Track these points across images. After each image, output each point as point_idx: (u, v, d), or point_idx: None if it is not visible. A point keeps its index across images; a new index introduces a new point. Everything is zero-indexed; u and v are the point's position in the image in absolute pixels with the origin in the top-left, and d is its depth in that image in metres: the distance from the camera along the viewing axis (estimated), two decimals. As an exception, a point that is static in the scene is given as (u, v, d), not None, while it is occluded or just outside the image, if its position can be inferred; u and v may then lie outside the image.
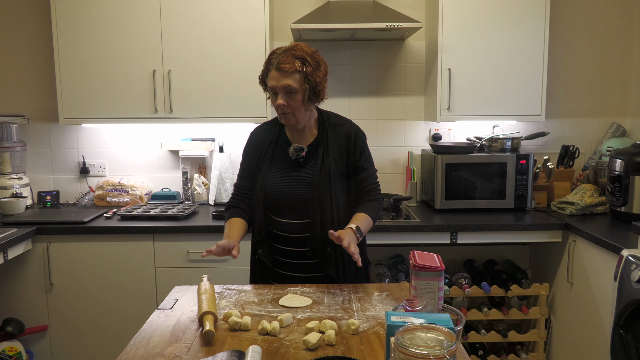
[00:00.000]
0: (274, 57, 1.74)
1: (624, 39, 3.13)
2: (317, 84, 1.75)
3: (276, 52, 1.76)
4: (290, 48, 1.74)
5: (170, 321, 1.47)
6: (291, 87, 1.71)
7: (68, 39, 2.77)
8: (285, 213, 1.81)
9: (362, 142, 1.86)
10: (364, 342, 1.31)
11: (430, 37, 3.00)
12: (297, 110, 1.76)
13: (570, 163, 3.03)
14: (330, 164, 1.80)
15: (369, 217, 1.79)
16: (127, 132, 3.17)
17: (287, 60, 1.70)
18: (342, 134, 1.84)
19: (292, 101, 1.73)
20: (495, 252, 3.18)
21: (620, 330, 1.93)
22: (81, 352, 2.67)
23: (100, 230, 2.59)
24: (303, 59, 1.72)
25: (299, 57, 1.72)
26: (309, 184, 1.78)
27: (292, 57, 1.71)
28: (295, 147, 1.82)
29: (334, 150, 1.82)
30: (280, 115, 1.78)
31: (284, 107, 1.73)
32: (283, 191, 1.80)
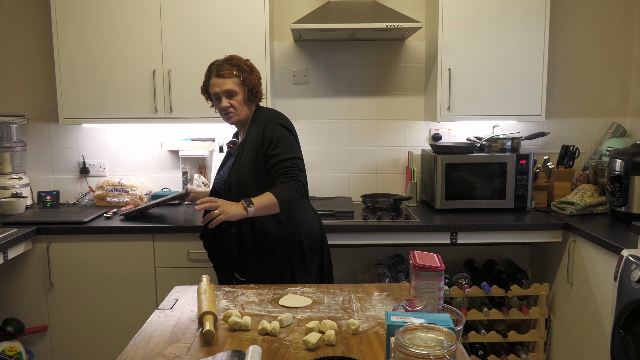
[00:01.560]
0: (213, 67, 2.03)
1: (624, 39, 3.13)
2: (253, 86, 2.04)
3: (214, 63, 2.04)
4: (227, 59, 2.03)
5: (170, 321, 1.47)
6: (232, 90, 2.00)
7: (68, 39, 2.77)
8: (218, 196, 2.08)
9: (271, 131, 1.99)
10: (364, 342, 1.32)
11: (430, 37, 3.00)
12: (239, 109, 2.03)
13: (570, 163, 3.03)
14: (244, 154, 2.03)
15: (273, 195, 1.88)
16: (127, 132, 3.17)
17: (225, 68, 2.00)
18: (258, 126, 2.03)
19: (234, 102, 2.01)
20: (495, 252, 3.18)
21: (620, 330, 1.93)
22: (81, 352, 2.67)
23: (100, 230, 2.59)
24: (239, 66, 2.01)
25: (235, 64, 2.01)
26: (228, 172, 2.06)
27: (229, 65, 2.00)
28: (228, 141, 2.20)
29: (250, 142, 2.03)
30: (225, 117, 2.05)
31: (227, 108, 2.01)
32: (217, 180, 2.14)
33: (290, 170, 1.95)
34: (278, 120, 2.03)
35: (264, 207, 1.86)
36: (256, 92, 2.07)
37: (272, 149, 1.97)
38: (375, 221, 2.66)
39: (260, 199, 1.86)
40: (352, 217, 2.73)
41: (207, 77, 2.05)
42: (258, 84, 2.07)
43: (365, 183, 3.25)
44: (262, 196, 1.88)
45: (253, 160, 2.00)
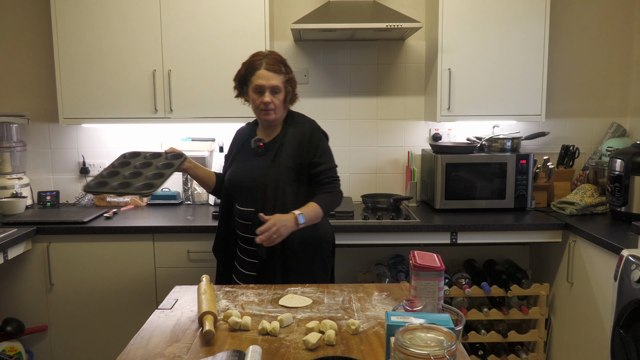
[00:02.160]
0: (259, 59, 1.95)
1: (624, 39, 3.13)
2: (295, 86, 2.01)
3: (259, 55, 1.97)
4: (272, 53, 1.99)
5: (170, 321, 1.47)
6: (278, 87, 1.93)
7: (68, 39, 2.77)
8: (243, 201, 1.99)
9: (317, 140, 2.00)
10: (364, 342, 1.32)
11: (430, 37, 3.00)
12: (279, 108, 1.97)
13: (570, 163, 3.03)
14: (283, 157, 1.95)
15: (318, 206, 1.90)
16: (127, 132, 3.17)
17: (275, 63, 1.94)
18: (299, 131, 2.00)
19: (276, 100, 1.94)
20: (495, 252, 3.18)
21: (620, 330, 1.93)
22: (81, 352, 2.67)
23: (100, 230, 2.59)
24: (285, 64, 1.98)
25: (281, 62, 1.97)
26: (260, 172, 1.96)
27: (277, 61, 1.95)
28: (255, 139, 2.03)
29: (290, 145, 1.97)
30: (262, 112, 1.96)
31: (269, 104, 1.92)
32: (238, 177, 2.00)
33: (333, 180, 2.00)
34: (321, 130, 2.05)
35: (311, 220, 1.88)
36: (295, 94, 2.04)
37: (317, 158, 1.97)
38: (375, 221, 2.66)
39: (310, 213, 1.86)
40: (352, 217, 2.72)
41: (249, 67, 1.96)
42: (296, 87, 2.04)
43: (365, 183, 3.25)
44: (310, 208, 1.87)
45: (294, 166, 1.95)
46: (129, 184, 1.83)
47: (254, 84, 1.93)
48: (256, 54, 1.98)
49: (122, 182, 1.84)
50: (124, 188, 1.81)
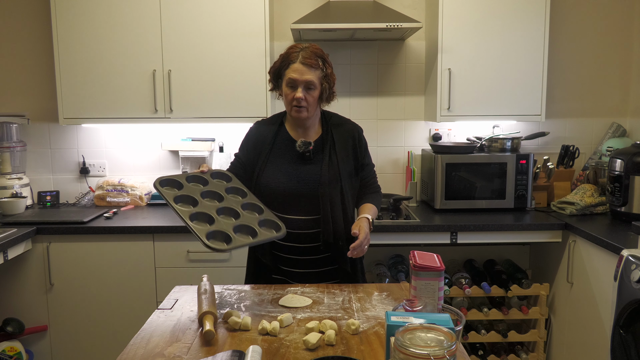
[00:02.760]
0: (295, 51, 1.80)
1: (624, 39, 3.13)
2: (333, 83, 1.86)
3: (297, 47, 1.82)
4: (311, 46, 1.83)
5: (170, 321, 1.47)
6: (313, 83, 1.77)
7: (68, 39, 2.77)
8: (293, 209, 1.82)
9: (365, 140, 1.95)
10: (364, 342, 1.32)
11: (430, 37, 3.00)
12: (312, 106, 1.81)
13: (570, 163, 3.03)
14: (339, 160, 1.85)
15: (375, 206, 1.91)
16: (127, 132, 3.17)
17: (312, 57, 1.78)
18: (347, 133, 1.91)
19: (309, 96, 1.79)
20: (495, 252, 3.18)
21: (620, 330, 1.93)
22: (81, 352, 2.67)
23: (100, 230, 2.59)
24: (324, 59, 1.82)
25: (320, 56, 1.81)
26: (318, 179, 1.81)
27: (315, 54, 1.80)
28: (302, 142, 1.84)
29: (341, 148, 1.87)
30: (294, 109, 1.80)
31: (301, 100, 1.77)
32: (290, 187, 1.81)
33: (376, 179, 2.04)
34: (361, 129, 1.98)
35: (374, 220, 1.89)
36: (332, 92, 1.87)
37: (366, 159, 1.96)
38: (375, 221, 2.66)
39: (373, 215, 1.88)
40: (352, 217, 2.72)
41: (285, 60, 1.81)
42: (334, 84, 1.88)
43: (365, 183, 3.24)
44: (373, 211, 1.90)
45: (352, 171, 1.89)
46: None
47: (287, 77, 1.79)
48: (294, 46, 1.85)
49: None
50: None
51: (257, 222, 1.63)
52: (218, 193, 1.68)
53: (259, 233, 1.59)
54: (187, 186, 1.66)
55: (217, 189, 1.70)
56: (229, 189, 1.73)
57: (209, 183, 1.72)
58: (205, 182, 1.72)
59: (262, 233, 1.60)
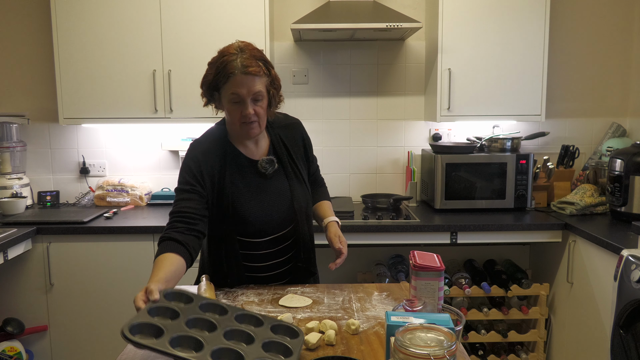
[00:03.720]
0: (232, 59, 1.52)
1: (624, 39, 3.13)
2: (279, 87, 1.63)
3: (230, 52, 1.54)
4: (246, 48, 1.57)
5: (170, 321, 1.47)
6: (261, 94, 1.54)
7: (68, 39, 2.77)
8: (270, 230, 1.67)
9: (308, 136, 1.82)
10: (364, 342, 1.31)
11: (430, 37, 3.00)
12: (263, 118, 1.59)
13: (570, 163, 3.03)
14: (299, 167, 1.72)
15: (330, 203, 1.89)
16: (127, 132, 3.17)
17: (254, 63, 1.52)
18: (295, 133, 1.77)
19: (259, 109, 1.56)
20: (495, 252, 3.18)
21: (620, 330, 1.93)
22: (81, 352, 2.67)
23: (100, 230, 2.59)
24: (264, 61, 1.58)
25: (260, 58, 1.56)
26: (290, 194, 1.67)
27: (255, 58, 1.54)
28: (266, 161, 1.65)
29: (295, 152, 1.74)
30: (243, 127, 1.58)
31: (252, 115, 1.54)
32: (266, 211, 1.64)
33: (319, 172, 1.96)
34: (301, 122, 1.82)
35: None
36: (280, 97, 1.65)
37: (311, 152, 1.82)
38: (375, 221, 2.66)
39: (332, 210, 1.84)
40: (352, 217, 2.72)
41: (222, 71, 1.54)
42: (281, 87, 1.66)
43: (365, 183, 3.25)
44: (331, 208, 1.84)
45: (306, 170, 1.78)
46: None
47: (229, 92, 1.54)
48: (226, 51, 1.56)
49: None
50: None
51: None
52: (204, 319, 1.22)
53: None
54: (164, 323, 1.18)
55: (196, 314, 1.23)
56: (203, 306, 1.28)
57: (182, 310, 1.24)
58: (174, 312, 1.24)
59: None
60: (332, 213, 1.82)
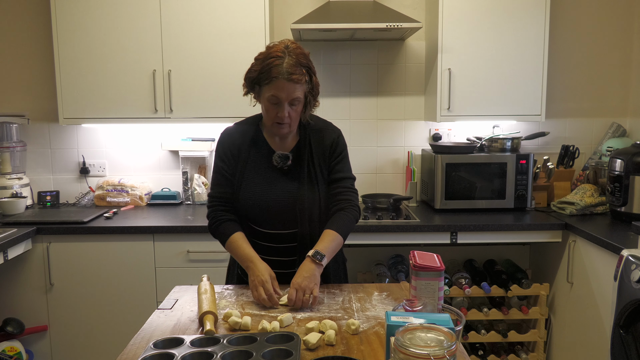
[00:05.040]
0: (277, 63, 1.57)
1: (624, 39, 3.13)
2: (317, 93, 1.70)
3: (277, 54, 1.58)
4: (294, 51, 1.60)
5: (170, 321, 1.47)
6: (299, 99, 1.62)
7: (68, 39, 2.77)
8: (270, 224, 1.72)
9: (342, 146, 1.78)
10: (364, 342, 1.31)
11: (430, 37, 3.00)
12: (295, 120, 1.67)
13: (570, 163, 3.03)
14: (317, 171, 1.72)
15: (337, 234, 1.66)
16: (127, 132, 3.17)
17: (298, 71, 1.58)
18: (326, 138, 1.75)
19: (293, 112, 1.64)
20: (495, 252, 3.18)
21: (620, 330, 1.93)
22: (81, 352, 2.67)
23: (100, 230, 2.59)
24: (308, 67, 1.63)
25: (304, 65, 1.61)
26: (296, 194, 1.68)
27: (300, 65, 1.59)
28: (279, 156, 1.70)
29: (319, 156, 1.73)
30: (275, 125, 1.65)
31: (285, 118, 1.62)
32: (268, 202, 1.69)
33: (349, 192, 1.74)
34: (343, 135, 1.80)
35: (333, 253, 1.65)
36: (316, 102, 1.72)
37: (337, 163, 1.74)
38: (375, 221, 2.66)
39: (329, 246, 1.62)
40: (352, 217, 2.72)
41: (266, 72, 1.58)
42: (319, 93, 1.72)
43: (365, 183, 3.25)
44: (328, 241, 1.63)
45: (327, 177, 1.74)
46: None
47: (269, 93, 1.60)
48: (274, 52, 1.59)
49: None
50: None
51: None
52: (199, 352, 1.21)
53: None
54: None
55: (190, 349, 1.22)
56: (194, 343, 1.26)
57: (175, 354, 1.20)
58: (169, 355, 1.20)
59: None
60: (323, 246, 1.61)
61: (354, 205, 1.74)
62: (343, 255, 1.93)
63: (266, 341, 1.25)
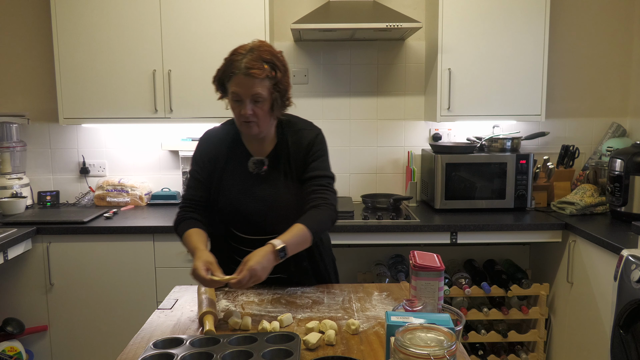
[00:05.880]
0: (238, 58, 1.55)
1: (624, 39, 3.13)
2: (286, 91, 1.62)
3: (240, 52, 1.57)
4: (257, 49, 1.57)
5: (170, 321, 1.47)
6: (260, 96, 1.55)
7: (68, 39, 2.77)
8: (251, 229, 1.68)
9: (320, 145, 1.69)
10: (364, 342, 1.31)
11: (430, 37, 3.00)
12: (263, 119, 1.60)
13: (570, 163, 3.03)
14: (294, 175, 1.67)
15: (306, 227, 1.53)
16: (127, 132, 3.17)
17: (257, 65, 1.53)
18: (303, 139, 1.68)
19: (258, 110, 1.57)
20: (495, 252, 3.18)
21: (620, 330, 1.93)
22: (81, 352, 2.67)
23: (100, 230, 2.59)
24: (273, 63, 1.57)
25: (268, 60, 1.56)
26: (274, 200, 1.64)
27: (262, 60, 1.54)
28: (255, 162, 1.67)
29: (296, 159, 1.67)
30: (243, 124, 1.61)
31: (249, 116, 1.57)
32: (246, 209, 1.66)
33: (325, 190, 1.63)
34: (320, 132, 1.72)
35: (297, 248, 1.53)
36: (287, 99, 1.64)
37: (313, 161, 1.66)
38: (375, 221, 2.66)
39: (294, 240, 1.50)
40: (352, 217, 2.72)
41: (228, 68, 1.58)
42: (289, 89, 1.65)
43: (365, 183, 3.25)
44: (294, 234, 1.51)
45: (301, 175, 1.67)
46: None
47: (230, 90, 1.57)
48: (238, 50, 1.59)
49: None
50: None
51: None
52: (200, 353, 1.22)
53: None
54: None
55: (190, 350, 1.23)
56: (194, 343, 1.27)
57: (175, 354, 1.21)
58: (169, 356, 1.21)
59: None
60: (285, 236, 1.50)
61: (330, 204, 1.62)
62: (332, 254, 1.87)
63: (266, 341, 1.26)
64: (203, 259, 1.47)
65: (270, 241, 1.47)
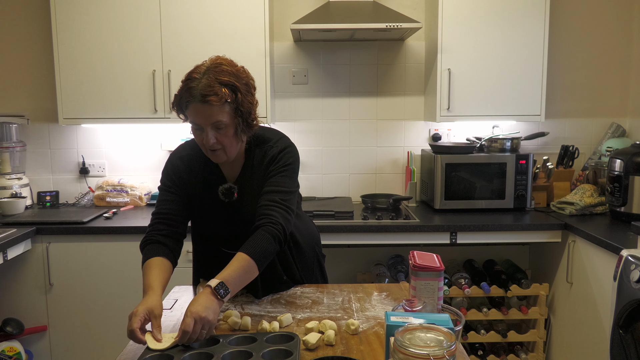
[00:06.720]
0: (194, 84, 1.40)
1: (624, 39, 3.13)
2: (249, 113, 1.48)
3: (194, 76, 1.42)
4: (214, 70, 1.42)
5: (169, 321, 1.47)
6: (221, 123, 1.43)
7: (68, 39, 2.77)
8: (231, 247, 1.53)
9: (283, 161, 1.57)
10: (364, 342, 1.32)
11: (430, 37, 3.00)
12: (229, 145, 1.49)
13: (570, 163, 3.03)
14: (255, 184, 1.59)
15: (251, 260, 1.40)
16: (127, 132, 3.17)
17: (214, 90, 1.39)
18: (267, 156, 1.58)
19: (222, 137, 1.46)
20: (495, 252, 3.18)
21: (620, 330, 1.93)
22: (81, 352, 2.66)
23: (100, 231, 2.59)
24: (232, 85, 1.43)
25: (226, 83, 1.41)
26: (251, 222, 1.50)
27: (218, 82, 1.40)
28: (223, 192, 1.58)
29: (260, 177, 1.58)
30: (209, 152, 1.50)
31: (213, 144, 1.46)
32: (222, 233, 1.62)
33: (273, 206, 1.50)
34: (295, 150, 1.62)
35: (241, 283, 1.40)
36: (252, 120, 1.50)
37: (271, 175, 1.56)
38: (374, 221, 2.67)
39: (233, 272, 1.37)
40: (351, 217, 2.73)
41: (184, 96, 1.43)
42: (255, 108, 1.51)
43: (365, 183, 3.25)
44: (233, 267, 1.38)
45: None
46: None
47: (189, 119, 1.45)
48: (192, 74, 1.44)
49: None
50: None
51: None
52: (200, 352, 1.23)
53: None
54: None
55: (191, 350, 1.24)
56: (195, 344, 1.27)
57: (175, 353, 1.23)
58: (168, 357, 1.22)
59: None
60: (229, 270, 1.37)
61: (274, 222, 1.46)
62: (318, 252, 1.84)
63: (266, 341, 1.26)
64: (147, 305, 1.33)
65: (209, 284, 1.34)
